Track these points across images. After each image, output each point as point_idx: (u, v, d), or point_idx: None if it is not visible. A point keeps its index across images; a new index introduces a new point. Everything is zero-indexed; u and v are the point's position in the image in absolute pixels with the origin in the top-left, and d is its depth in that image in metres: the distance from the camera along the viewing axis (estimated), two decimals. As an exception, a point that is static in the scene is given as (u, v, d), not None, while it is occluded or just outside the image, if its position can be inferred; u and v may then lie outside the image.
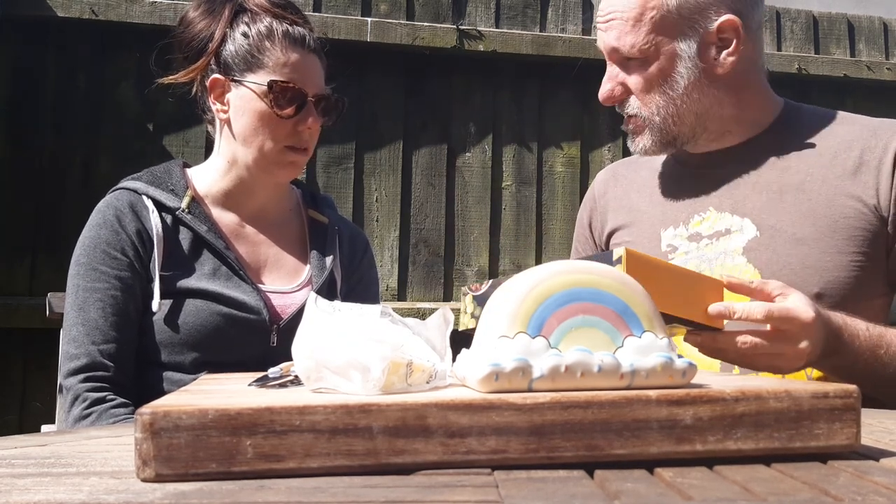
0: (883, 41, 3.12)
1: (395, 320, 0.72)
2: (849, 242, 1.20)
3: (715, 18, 1.24)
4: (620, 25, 1.25)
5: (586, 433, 0.60)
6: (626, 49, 1.25)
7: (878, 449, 0.68)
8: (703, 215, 1.31)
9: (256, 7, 1.37)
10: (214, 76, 1.37)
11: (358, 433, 0.58)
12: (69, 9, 2.42)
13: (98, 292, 1.30)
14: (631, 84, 1.28)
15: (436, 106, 2.73)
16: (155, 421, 0.57)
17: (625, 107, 1.30)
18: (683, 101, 1.26)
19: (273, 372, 0.81)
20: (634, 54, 1.25)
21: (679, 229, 1.33)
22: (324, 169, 2.62)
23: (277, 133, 1.35)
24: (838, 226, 1.21)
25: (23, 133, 2.43)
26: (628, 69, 1.27)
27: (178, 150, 2.50)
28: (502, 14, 2.81)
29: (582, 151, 2.84)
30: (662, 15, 1.23)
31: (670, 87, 1.25)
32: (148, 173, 1.41)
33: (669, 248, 1.32)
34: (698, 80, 1.26)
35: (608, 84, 1.30)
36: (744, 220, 1.26)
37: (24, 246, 2.39)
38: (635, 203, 1.42)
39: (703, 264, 1.27)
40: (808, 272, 1.18)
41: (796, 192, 1.24)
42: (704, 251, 1.28)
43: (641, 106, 1.28)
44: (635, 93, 1.28)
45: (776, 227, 1.24)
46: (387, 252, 2.65)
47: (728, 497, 0.51)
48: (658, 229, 1.35)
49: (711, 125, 1.30)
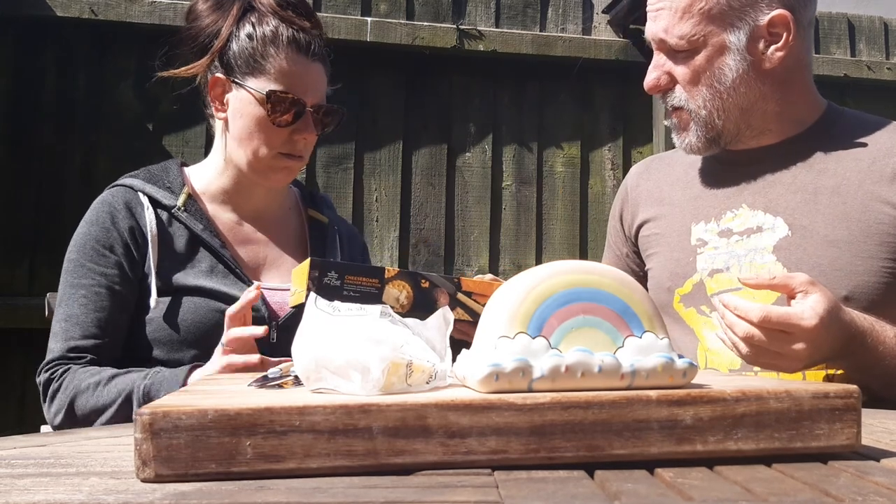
0: (883, 41, 3.12)
1: (395, 320, 0.72)
2: (881, 248, 1.19)
3: (767, 12, 1.22)
4: (669, 15, 1.23)
5: (587, 433, 0.60)
6: (674, 40, 1.24)
7: (879, 449, 0.68)
8: (736, 212, 1.29)
9: (264, 7, 1.35)
10: (216, 75, 1.37)
11: (358, 433, 0.58)
12: (69, 9, 2.42)
13: (83, 288, 1.30)
14: (678, 74, 1.26)
15: (436, 106, 2.73)
16: (154, 421, 0.57)
17: (670, 98, 1.29)
18: (730, 95, 1.24)
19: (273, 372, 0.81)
20: (683, 45, 1.24)
21: (710, 224, 1.31)
22: (324, 169, 2.62)
23: (273, 140, 1.34)
24: (871, 231, 1.19)
25: (23, 133, 2.43)
26: (675, 59, 1.26)
27: (177, 150, 2.50)
28: (502, 14, 2.81)
29: (582, 151, 2.84)
30: (713, 5, 1.22)
31: (717, 79, 1.24)
32: (145, 171, 1.41)
33: (699, 243, 1.31)
34: (746, 73, 1.24)
35: (654, 73, 1.28)
36: (776, 218, 1.25)
37: (24, 246, 2.39)
38: (667, 196, 1.41)
39: (732, 260, 1.26)
40: (838, 274, 1.17)
41: (831, 195, 1.23)
42: (734, 247, 1.27)
43: (688, 98, 1.26)
44: (682, 83, 1.26)
45: (808, 227, 1.22)
46: (387, 252, 2.65)
47: (728, 497, 0.51)
48: (689, 223, 1.34)
49: (755, 121, 1.28)
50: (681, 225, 1.35)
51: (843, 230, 1.20)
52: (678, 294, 1.32)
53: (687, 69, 1.25)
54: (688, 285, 1.31)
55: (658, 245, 1.39)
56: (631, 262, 1.49)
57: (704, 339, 1.28)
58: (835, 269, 1.18)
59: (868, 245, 1.18)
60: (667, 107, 1.31)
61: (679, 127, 1.30)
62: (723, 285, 1.26)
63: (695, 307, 1.30)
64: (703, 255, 1.30)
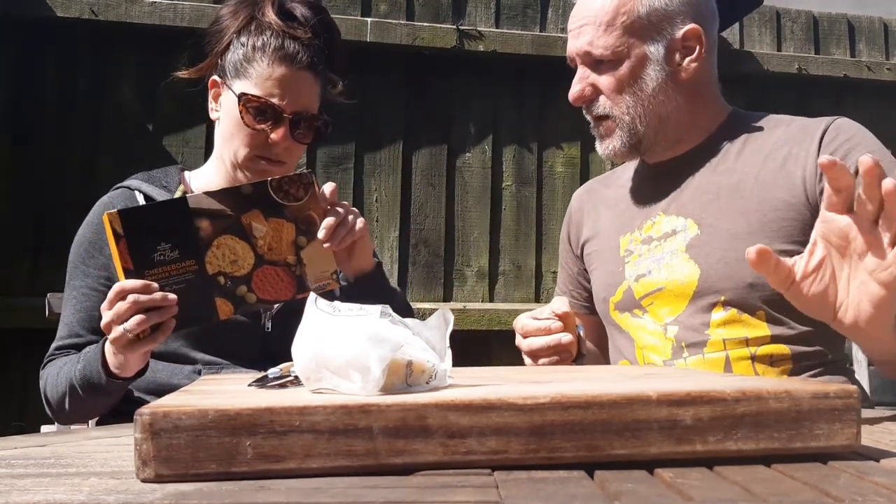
0: (883, 41, 3.12)
1: (395, 320, 0.72)
2: (779, 233, 1.25)
3: (681, 26, 1.33)
4: (593, 30, 1.32)
5: (586, 433, 0.60)
6: (598, 51, 1.32)
7: (879, 449, 0.68)
8: (654, 219, 1.39)
9: (265, 20, 1.38)
10: (214, 77, 1.42)
11: (358, 433, 0.58)
12: (69, 9, 2.42)
13: (74, 290, 1.37)
14: (602, 84, 1.34)
15: (436, 106, 2.73)
16: (155, 421, 0.57)
17: (594, 108, 1.36)
18: (650, 102, 1.33)
19: (273, 372, 0.81)
20: (607, 56, 1.32)
21: (634, 234, 1.41)
22: (324, 169, 2.62)
23: (250, 142, 1.36)
24: (768, 219, 1.26)
25: (23, 133, 2.43)
26: (599, 71, 1.34)
27: (177, 150, 2.50)
28: (502, 14, 2.81)
29: (582, 152, 2.84)
30: (633, 20, 1.31)
31: (640, 87, 1.33)
32: (145, 173, 1.47)
33: (626, 253, 1.41)
34: (665, 82, 1.33)
35: (579, 85, 1.36)
36: (687, 220, 1.34)
37: (25, 246, 2.39)
38: (602, 215, 1.51)
39: (653, 264, 1.35)
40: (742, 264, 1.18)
41: (732, 192, 1.31)
42: (654, 252, 1.36)
43: (612, 105, 1.34)
44: (606, 93, 1.34)
45: (714, 225, 1.30)
46: (387, 252, 2.65)
47: (728, 498, 0.51)
48: (618, 237, 1.44)
49: (670, 130, 1.36)
50: (612, 239, 1.45)
51: (743, 223, 1.27)
52: (612, 302, 1.41)
53: (611, 78, 1.33)
54: (619, 293, 1.39)
55: (596, 261, 1.49)
56: (582, 279, 1.57)
57: (639, 338, 1.36)
58: (738, 260, 1.21)
59: (766, 233, 1.25)
60: (591, 117, 1.38)
61: (603, 135, 1.38)
62: (647, 288, 1.34)
63: (628, 311, 1.38)
64: (630, 263, 1.39)
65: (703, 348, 1.27)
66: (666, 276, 1.32)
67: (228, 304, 1.15)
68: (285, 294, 1.18)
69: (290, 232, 1.19)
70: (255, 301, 1.17)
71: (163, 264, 1.11)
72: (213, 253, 1.14)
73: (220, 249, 1.14)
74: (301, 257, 1.19)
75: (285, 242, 1.18)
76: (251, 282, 1.16)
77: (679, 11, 1.33)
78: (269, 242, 1.17)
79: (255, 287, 1.16)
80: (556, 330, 1.23)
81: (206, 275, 1.13)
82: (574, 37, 1.36)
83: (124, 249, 1.10)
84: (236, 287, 1.15)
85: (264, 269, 1.16)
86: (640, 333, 1.36)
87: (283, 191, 1.19)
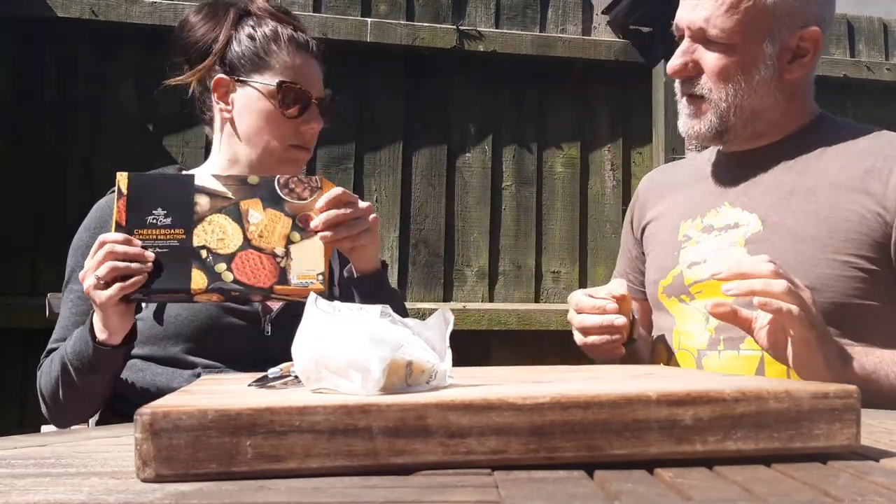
0: (883, 41, 3.12)
1: (395, 320, 0.72)
2: (846, 244, 1.22)
3: (802, 26, 1.27)
4: (714, 6, 1.25)
5: (586, 433, 0.60)
6: (714, 31, 1.25)
7: (878, 449, 0.68)
8: (719, 209, 1.36)
9: (260, 11, 1.40)
10: (219, 76, 1.39)
11: (358, 433, 0.58)
12: (69, 9, 2.42)
13: (70, 293, 1.36)
14: (707, 65, 1.28)
15: (436, 106, 2.73)
16: (155, 421, 0.57)
17: (692, 86, 1.31)
18: (750, 96, 1.28)
19: (273, 372, 0.81)
20: (721, 38, 1.25)
21: (695, 221, 1.38)
22: (324, 169, 2.62)
23: (282, 132, 1.38)
24: (839, 228, 1.23)
25: (23, 133, 2.43)
26: (709, 49, 1.28)
27: (178, 150, 2.50)
28: (502, 14, 2.81)
29: (582, 152, 2.84)
30: (759, 9, 1.24)
31: (745, 79, 1.27)
32: None
33: (684, 238, 1.38)
34: (770, 79, 1.28)
35: (682, 58, 1.30)
36: (751, 215, 1.31)
37: (25, 246, 2.39)
38: (667, 199, 1.49)
39: (709, 253, 1.33)
40: (801, 267, 1.20)
41: (805, 195, 1.28)
42: (712, 241, 1.33)
43: (713, 89, 1.29)
44: (709, 75, 1.28)
45: (779, 223, 1.28)
46: (387, 252, 2.65)
47: (728, 497, 0.51)
48: (679, 221, 1.41)
49: (759, 125, 1.32)
50: (673, 223, 1.43)
51: (811, 227, 1.24)
52: (661, 285, 1.40)
53: (719, 63, 1.27)
54: (669, 277, 1.38)
55: (654, 243, 1.48)
56: (640, 263, 1.56)
57: (679, 322, 1.36)
58: (799, 262, 1.21)
59: (834, 241, 1.22)
60: (684, 93, 1.33)
61: (692, 114, 1.33)
62: (698, 276, 1.33)
63: (675, 296, 1.37)
64: (686, 250, 1.37)
65: (739, 344, 1.25)
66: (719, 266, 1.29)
67: (204, 278, 1.16)
68: (264, 281, 1.17)
69: (286, 226, 1.19)
70: (231, 280, 1.16)
71: (153, 227, 1.16)
72: (202, 227, 1.17)
73: (211, 226, 1.17)
74: (290, 251, 1.19)
75: (278, 234, 1.18)
76: (232, 261, 1.16)
77: (805, 11, 1.26)
78: (261, 230, 1.18)
79: (234, 267, 1.16)
80: (611, 311, 1.22)
81: (190, 246, 1.16)
82: (689, 7, 1.29)
83: (122, 207, 1.16)
84: (216, 263, 1.16)
85: (248, 253, 1.17)
86: (681, 318, 1.35)
87: (289, 188, 1.20)
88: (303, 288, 1.17)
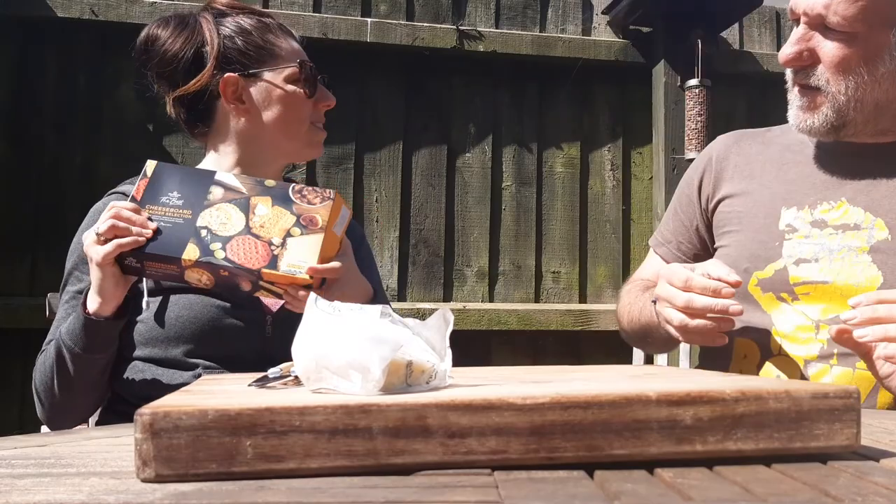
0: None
1: (395, 320, 0.72)
2: None
3: None
4: None
5: (586, 433, 0.60)
6: (835, 19, 1.16)
7: (878, 449, 0.68)
8: (833, 204, 1.25)
9: (227, 8, 1.40)
10: (226, 76, 1.35)
11: (358, 433, 0.58)
12: (69, 9, 2.42)
13: (68, 294, 1.35)
14: (825, 55, 1.19)
15: (435, 106, 2.73)
16: (155, 421, 0.57)
17: (807, 76, 1.22)
18: (873, 89, 1.19)
19: (273, 372, 0.81)
20: (843, 26, 1.16)
21: (803, 211, 1.27)
22: (324, 169, 2.62)
23: (305, 114, 1.40)
24: None
25: (23, 133, 2.43)
26: (827, 38, 1.19)
27: (178, 150, 2.50)
28: (502, 14, 2.81)
29: (582, 152, 2.84)
30: None
31: (868, 71, 1.18)
32: None
33: (788, 228, 1.27)
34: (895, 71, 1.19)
35: (797, 46, 1.21)
36: (876, 219, 1.21)
37: (24, 246, 2.39)
38: (758, 174, 1.35)
39: (823, 253, 1.23)
40: None
41: None
42: (827, 240, 1.23)
43: (831, 81, 1.20)
44: (827, 66, 1.20)
45: None
46: (387, 252, 2.65)
47: (728, 497, 0.51)
48: (779, 206, 1.29)
49: (883, 120, 1.24)
50: (770, 206, 1.30)
51: None
52: (756, 276, 1.27)
53: (839, 53, 1.18)
54: (769, 269, 1.26)
55: (739, 224, 1.34)
56: (698, 235, 1.43)
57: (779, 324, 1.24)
58: None
59: None
60: (798, 83, 1.24)
61: (807, 107, 1.24)
62: (808, 276, 1.22)
63: (773, 292, 1.26)
64: (791, 242, 1.25)
65: (857, 361, 1.13)
66: (838, 271, 1.19)
67: (196, 250, 1.18)
68: (253, 264, 1.18)
69: (288, 221, 1.21)
70: (222, 258, 1.17)
71: (164, 206, 1.22)
72: (209, 212, 1.21)
73: (218, 211, 1.21)
74: (286, 242, 1.20)
75: (279, 227, 1.21)
76: (228, 242, 1.19)
77: None
78: (263, 222, 1.21)
79: (228, 247, 1.18)
80: (727, 296, 1.09)
81: (193, 224, 1.20)
82: None
83: (142, 187, 1.24)
84: (212, 242, 1.19)
85: (246, 237, 1.20)
86: (782, 319, 1.23)
87: (301, 194, 1.23)
88: (290, 276, 1.18)
